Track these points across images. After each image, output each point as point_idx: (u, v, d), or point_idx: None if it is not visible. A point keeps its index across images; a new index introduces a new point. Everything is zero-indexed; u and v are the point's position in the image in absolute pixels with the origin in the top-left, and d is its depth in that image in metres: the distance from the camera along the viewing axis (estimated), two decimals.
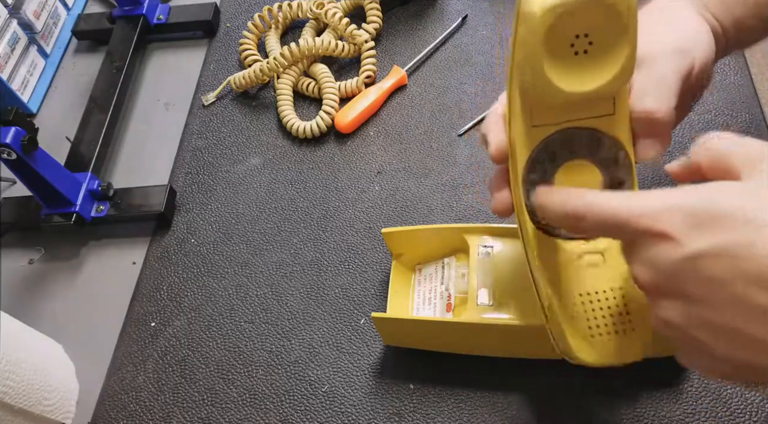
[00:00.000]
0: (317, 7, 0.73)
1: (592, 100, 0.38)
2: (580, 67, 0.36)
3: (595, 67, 0.36)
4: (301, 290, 0.59)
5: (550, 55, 0.35)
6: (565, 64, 0.36)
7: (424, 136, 0.66)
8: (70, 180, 0.63)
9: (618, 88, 0.37)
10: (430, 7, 0.76)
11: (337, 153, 0.67)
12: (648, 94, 0.39)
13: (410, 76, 0.71)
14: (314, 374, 0.54)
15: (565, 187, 0.38)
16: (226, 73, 0.75)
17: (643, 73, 0.40)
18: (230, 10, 0.81)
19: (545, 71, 0.35)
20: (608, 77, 0.36)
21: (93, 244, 0.66)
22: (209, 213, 0.65)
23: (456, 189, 0.62)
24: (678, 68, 0.40)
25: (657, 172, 0.59)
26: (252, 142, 0.69)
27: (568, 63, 0.36)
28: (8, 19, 0.74)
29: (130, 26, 0.78)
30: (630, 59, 0.36)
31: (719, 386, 0.49)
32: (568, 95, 0.36)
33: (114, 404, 0.56)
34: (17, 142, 0.55)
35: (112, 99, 0.71)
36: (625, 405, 0.49)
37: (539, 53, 0.35)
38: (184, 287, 0.61)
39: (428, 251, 0.55)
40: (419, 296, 0.54)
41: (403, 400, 0.52)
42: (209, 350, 0.57)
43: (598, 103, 0.39)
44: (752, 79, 0.64)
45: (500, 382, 0.51)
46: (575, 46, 0.35)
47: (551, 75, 0.35)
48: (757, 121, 0.61)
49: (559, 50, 0.35)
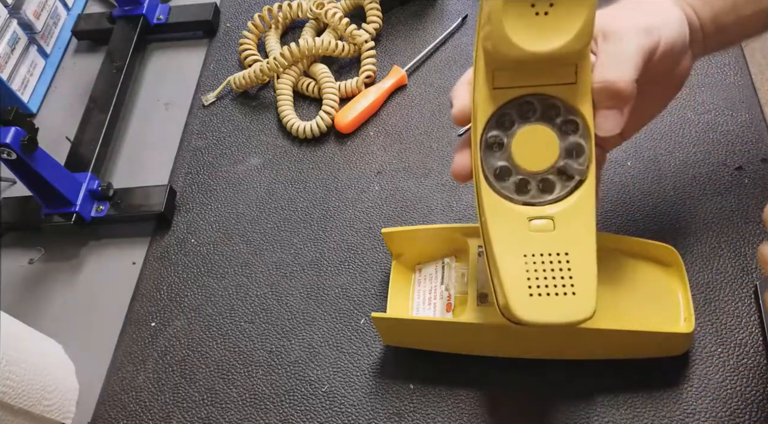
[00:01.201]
0: (317, 7, 0.73)
1: (554, 67, 0.39)
2: (540, 27, 0.37)
3: (555, 28, 0.37)
4: (301, 290, 0.59)
5: (511, 15, 0.37)
6: (526, 23, 0.37)
7: (424, 136, 0.66)
8: (70, 180, 0.63)
9: (576, 51, 0.38)
10: (430, 7, 0.76)
11: (337, 153, 0.67)
12: (610, 65, 0.40)
13: (410, 76, 0.71)
14: (314, 374, 0.54)
15: None
16: (226, 73, 0.75)
17: (607, 47, 0.41)
18: (230, 10, 0.81)
19: (505, 30, 0.37)
20: (567, 38, 0.37)
21: (93, 244, 0.66)
22: (209, 213, 0.65)
23: (456, 189, 0.62)
24: (642, 44, 0.41)
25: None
26: (252, 142, 0.69)
27: (528, 23, 0.37)
28: (8, 19, 0.74)
29: (130, 26, 0.78)
30: (588, 22, 0.37)
31: (719, 386, 0.49)
32: (527, 54, 0.37)
33: (114, 404, 0.56)
34: (17, 142, 0.55)
35: (112, 99, 0.71)
36: (625, 405, 0.49)
37: (500, 11, 0.36)
38: (184, 287, 0.61)
39: (428, 251, 0.55)
40: (419, 296, 0.54)
41: (403, 400, 0.52)
42: (209, 350, 0.57)
43: (560, 71, 0.40)
44: (752, 79, 0.64)
45: (500, 382, 0.51)
46: (536, 6, 0.37)
47: (511, 33, 0.37)
48: (757, 121, 0.61)
49: (521, 10, 0.37)
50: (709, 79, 0.64)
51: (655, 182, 0.59)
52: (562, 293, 0.40)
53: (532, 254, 0.40)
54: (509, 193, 0.41)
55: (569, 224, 0.41)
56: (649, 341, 0.48)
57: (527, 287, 0.40)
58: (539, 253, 0.40)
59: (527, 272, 0.40)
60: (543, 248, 0.40)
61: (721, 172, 0.59)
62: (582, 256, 0.40)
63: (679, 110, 0.63)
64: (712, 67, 0.65)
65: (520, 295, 0.40)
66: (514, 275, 0.40)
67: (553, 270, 0.40)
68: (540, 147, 0.41)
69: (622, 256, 0.51)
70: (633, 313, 0.49)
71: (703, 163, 0.59)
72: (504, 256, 0.41)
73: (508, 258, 0.41)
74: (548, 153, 0.41)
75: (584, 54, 0.40)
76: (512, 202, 0.41)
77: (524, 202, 0.41)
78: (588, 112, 0.41)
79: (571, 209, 0.41)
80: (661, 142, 0.61)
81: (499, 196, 0.41)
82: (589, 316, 0.40)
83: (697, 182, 0.58)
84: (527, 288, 0.40)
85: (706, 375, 0.49)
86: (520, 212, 0.41)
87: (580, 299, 0.40)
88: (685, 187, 0.58)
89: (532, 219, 0.41)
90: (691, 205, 0.57)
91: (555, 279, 0.40)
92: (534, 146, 0.41)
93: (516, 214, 0.41)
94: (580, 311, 0.40)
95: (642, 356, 0.50)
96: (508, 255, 0.41)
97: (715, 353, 0.50)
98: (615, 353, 0.50)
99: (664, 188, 0.59)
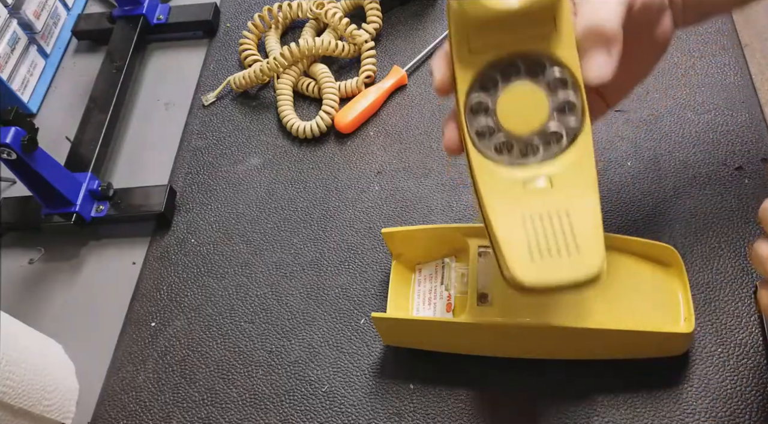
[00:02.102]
0: (317, 7, 0.73)
1: (531, 22, 0.38)
2: None
3: None
4: (301, 290, 0.59)
5: None
6: None
7: (424, 136, 0.66)
8: (70, 180, 0.63)
9: (549, 2, 0.37)
10: (430, 7, 0.76)
11: (337, 153, 0.67)
12: (594, 11, 0.39)
13: (410, 76, 0.71)
14: (314, 374, 0.54)
15: None
16: (226, 73, 0.75)
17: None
18: (230, 10, 0.81)
19: None
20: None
21: (93, 244, 0.66)
22: (209, 213, 0.65)
23: (456, 189, 0.62)
24: None
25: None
26: (252, 142, 0.69)
27: None
28: (8, 19, 0.74)
29: (130, 26, 0.78)
30: None
31: (719, 386, 0.49)
32: (496, 12, 0.36)
33: (114, 404, 0.56)
34: (17, 142, 0.55)
35: (112, 99, 0.71)
36: (624, 405, 0.49)
37: None
38: (184, 287, 0.61)
39: (428, 251, 0.55)
40: (419, 296, 0.54)
41: (403, 400, 0.52)
42: (209, 350, 0.57)
43: (538, 26, 0.38)
44: (752, 79, 0.64)
45: (500, 382, 0.51)
46: None
47: None
48: (757, 121, 0.61)
49: None
50: (709, 79, 0.64)
51: (655, 182, 0.59)
52: (566, 253, 0.37)
53: (530, 216, 0.38)
54: (499, 156, 0.40)
55: (567, 181, 0.38)
56: (649, 341, 0.48)
57: (528, 251, 0.38)
58: (538, 214, 0.38)
59: (527, 235, 0.38)
60: (541, 208, 0.38)
61: (721, 172, 0.59)
62: (584, 213, 0.38)
63: (679, 110, 0.63)
64: (712, 67, 0.65)
65: (521, 259, 0.38)
66: (513, 239, 0.38)
67: (554, 231, 0.38)
68: (528, 107, 0.39)
69: (622, 256, 0.51)
70: (633, 313, 0.49)
71: (703, 163, 0.59)
72: (501, 222, 0.38)
73: (505, 223, 0.38)
74: (537, 112, 0.39)
75: (561, 5, 0.38)
76: (504, 166, 0.39)
77: (516, 164, 0.39)
78: (575, 65, 0.38)
79: (568, 167, 0.39)
80: (661, 143, 0.61)
81: (489, 161, 0.39)
82: (596, 274, 0.37)
83: (697, 182, 0.58)
84: (528, 252, 0.38)
85: (706, 375, 0.49)
86: (513, 175, 0.39)
87: (585, 258, 0.37)
88: (685, 187, 0.58)
89: (527, 181, 0.39)
90: (691, 205, 0.57)
91: (557, 240, 0.38)
92: (521, 106, 0.39)
93: (509, 177, 0.39)
94: (586, 270, 0.37)
95: (642, 356, 0.50)
96: (505, 220, 0.38)
97: (715, 353, 0.50)
98: (615, 353, 0.50)
99: (664, 188, 0.59)
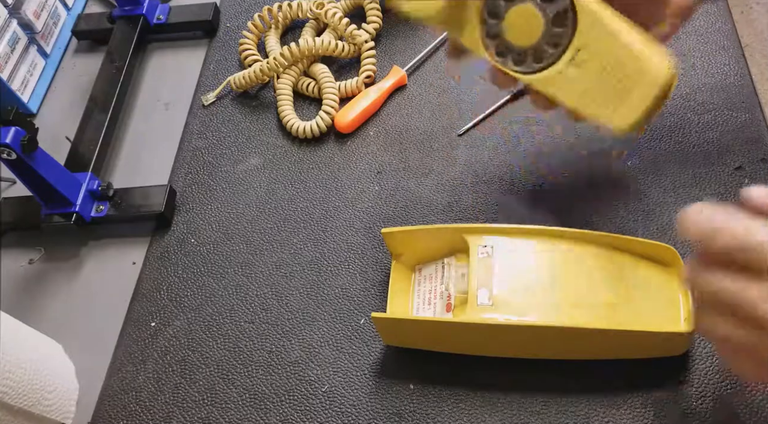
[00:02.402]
0: (317, 7, 0.73)
1: None
2: None
3: None
4: (301, 290, 0.59)
5: None
6: None
7: (424, 136, 0.66)
8: (70, 180, 0.63)
9: None
10: None
11: (337, 153, 0.67)
12: None
13: (410, 76, 0.71)
14: (314, 374, 0.54)
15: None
16: (226, 73, 0.75)
17: None
18: (230, 10, 0.81)
19: None
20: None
21: (93, 244, 0.66)
22: (209, 213, 0.65)
23: (456, 189, 0.62)
24: None
25: None
26: (252, 142, 0.69)
27: None
28: (8, 19, 0.74)
29: (130, 26, 0.78)
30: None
31: (719, 386, 0.49)
32: None
33: (114, 404, 0.56)
34: (17, 142, 0.55)
35: (112, 99, 0.71)
36: (625, 405, 0.49)
37: None
38: (184, 287, 0.61)
39: (428, 251, 0.55)
40: (419, 296, 0.54)
41: (403, 400, 0.52)
42: (209, 350, 0.57)
43: None
44: (752, 79, 0.64)
45: (500, 382, 0.51)
46: None
47: None
48: (757, 121, 0.61)
49: None
50: (709, 80, 0.64)
51: (655, 182, 0.59)
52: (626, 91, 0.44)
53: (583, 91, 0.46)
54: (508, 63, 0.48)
55: (592, 39, 0.44)
56: (649, 341, 0.48)
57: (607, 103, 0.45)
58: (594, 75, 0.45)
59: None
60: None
61: (721, 172, 0.59)
62: (620, 47, 0.44)
63: (679, 110, 0.63)
64: (712, 67, 0.65)
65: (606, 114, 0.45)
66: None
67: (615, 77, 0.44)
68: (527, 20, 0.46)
69: (622, 256, 0.51)
70: (633, 313, 0.49)
71: (703, 163, 0.59)
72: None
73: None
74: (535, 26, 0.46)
75: None
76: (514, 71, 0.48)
77: (522, 71, 0.48)
78: None
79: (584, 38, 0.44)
80: (661, 143, 0.61)
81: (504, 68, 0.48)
82: (667, 76, 0.43)
83: (697, 182, 0.58)
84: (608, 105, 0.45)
85: (706, 375, 0.49)
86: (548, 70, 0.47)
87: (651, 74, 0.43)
88: (685, 187, 0.58)
89: (567, 64, 0.46)
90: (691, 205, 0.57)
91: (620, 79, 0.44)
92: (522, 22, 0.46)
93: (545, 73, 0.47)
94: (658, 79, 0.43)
95: (642, 356, 0.50)
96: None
97: (715, 353, 0.50)
98: (615, 353, 0.50)
99: (664, 188, 0.59)
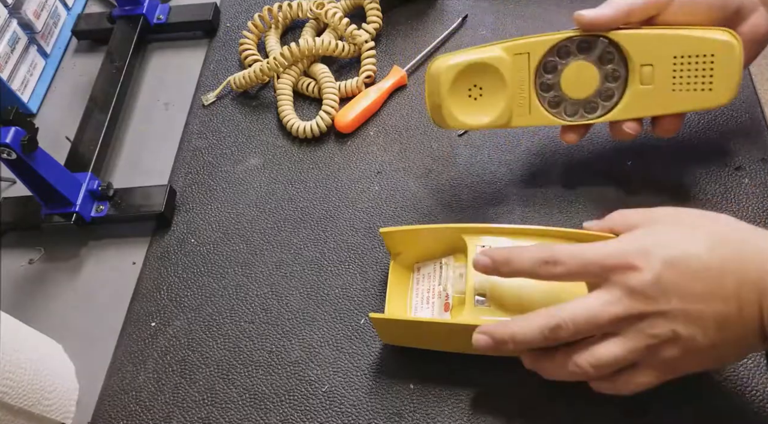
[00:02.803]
0: (317, 7, 0.73)
1: None
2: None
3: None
4: (301, 290, 0.59)
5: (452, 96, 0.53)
6: (463, 103, 0.54)
7: (424, 136, 0.67)
8: (70, 180, 0.63)
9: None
10: (430, 7, 0.76)
11: (337, 153, 0.67)
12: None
13: (410, 76, 0.71)
14: (314, 374, 0.54)
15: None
16: (226, 73, 0.75)
17: None
18: (230, 10, 0.81)
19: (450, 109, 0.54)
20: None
21: (93, 244, 0.66)
22: (209, 213, 0.65)
23: (456, 189, 0.62)
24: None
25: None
26: (252, 142, 0.70)
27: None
28: (8, 19, 0.74)
29: (130, 26, 0.78)
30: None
31: (719, 386, 0.49)
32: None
33: (114, 404, 0.56)
34: (17, 142, 0.55)
35: (112, 99, 0.71)
36: (624, 405, 0.49)
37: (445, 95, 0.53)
38: (184, 287, 0.61)
39: (427, 250, 0.55)
40: (417, 295, 0.54)
41: (403, 400, 0.52)
42: (209, 350, 0.57)
43: None
44: (752, 79, 0.64)
45: (500, 382, 0.51)
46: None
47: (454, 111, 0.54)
48: (757, 121, 0.61)
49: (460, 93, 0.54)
50: None
51: (655, 182, 0.59)
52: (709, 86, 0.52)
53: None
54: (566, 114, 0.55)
55: (650, 55, 0.52)
56: None
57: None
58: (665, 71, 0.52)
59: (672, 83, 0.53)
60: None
61: (721, 172, 0.59)
62: (683, 40, 0.51)
63: None
64: None
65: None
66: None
67: (687, 76, 0.52)
68: (584, 77, 0.53)
69: None
70: None
71: (703, 163, 0.59)
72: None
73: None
74: (591, 82, 0.53)
75: None
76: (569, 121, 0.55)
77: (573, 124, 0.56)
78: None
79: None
80: (661, 143, 0.61)
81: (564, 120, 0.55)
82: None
83: (697, 182, 0.58)
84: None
85: (706, 375, 0.49)
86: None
87: (724, 80, 0.52)
88: (686, 187, 0.58)
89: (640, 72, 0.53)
90: (691, 205, 0.57)
91: (689, 82, 0.52)
92: (579, 78, 0.53)
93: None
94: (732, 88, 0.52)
95: None
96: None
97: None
98: None
99: (663, 188, 0.59)
